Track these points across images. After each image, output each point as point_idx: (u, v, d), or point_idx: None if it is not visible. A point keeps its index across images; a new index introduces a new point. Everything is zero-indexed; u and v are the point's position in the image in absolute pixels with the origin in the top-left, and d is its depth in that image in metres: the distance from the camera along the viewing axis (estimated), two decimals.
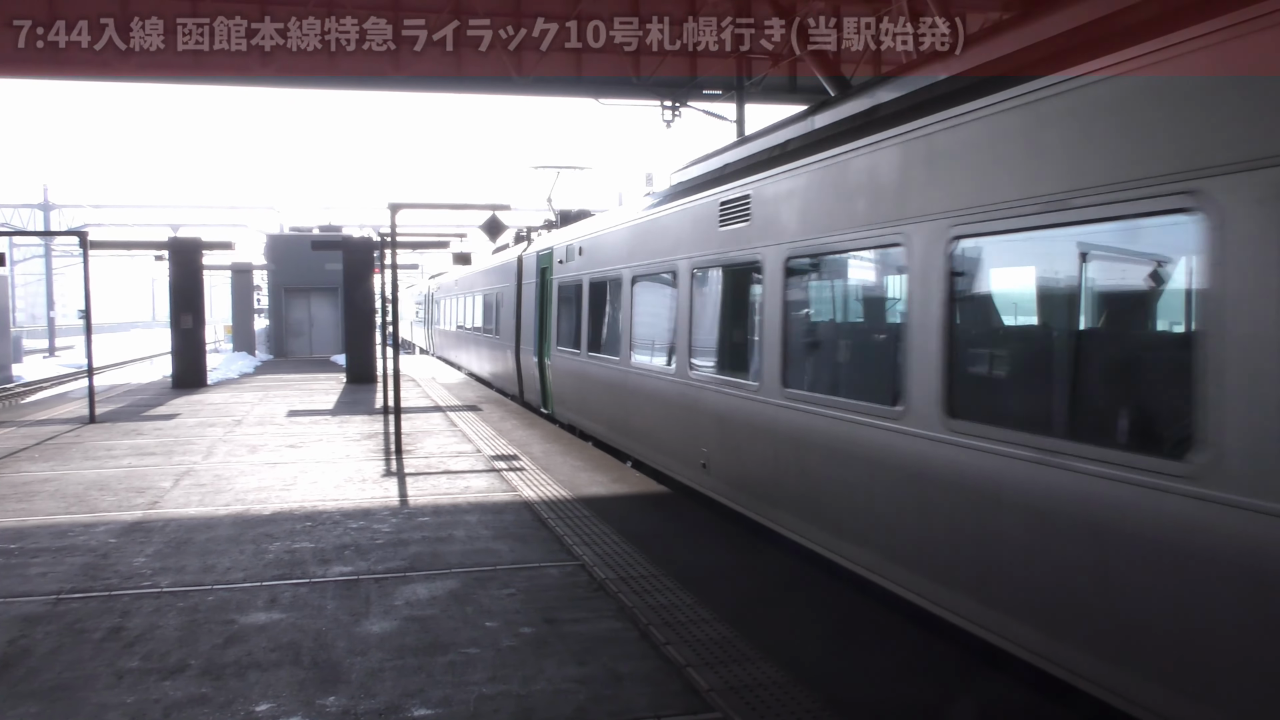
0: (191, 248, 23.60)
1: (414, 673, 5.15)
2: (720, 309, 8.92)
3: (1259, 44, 3.54)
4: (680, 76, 20.64)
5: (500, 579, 6.88)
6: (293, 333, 36.08)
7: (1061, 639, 4.46)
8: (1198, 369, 3.74)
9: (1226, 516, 3.58)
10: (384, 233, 16.39)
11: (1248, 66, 3.59)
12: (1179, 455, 3.81)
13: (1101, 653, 4.22)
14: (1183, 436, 3.82)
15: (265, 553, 7.60)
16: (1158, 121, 3.99)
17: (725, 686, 4.91)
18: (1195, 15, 3.83)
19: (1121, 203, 4.14)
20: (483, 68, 19.85)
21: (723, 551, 7.63)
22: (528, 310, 17.76)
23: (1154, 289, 4.45)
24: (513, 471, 11.20)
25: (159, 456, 12.43)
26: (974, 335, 5.59)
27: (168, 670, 5.20)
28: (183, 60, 18.66)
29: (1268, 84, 3.51)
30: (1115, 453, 4.14)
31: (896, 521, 5.80)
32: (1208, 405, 3.69)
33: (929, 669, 5.27)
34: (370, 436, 14.30)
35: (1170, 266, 4.29)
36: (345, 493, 9.97)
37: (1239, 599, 3.54)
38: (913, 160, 5.78)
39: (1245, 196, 3.56)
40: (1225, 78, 3.68)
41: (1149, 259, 4.42)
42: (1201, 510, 3.68)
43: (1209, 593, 3.67)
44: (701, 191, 9.30)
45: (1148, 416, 4.31)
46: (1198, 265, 3.82)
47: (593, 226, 13.93)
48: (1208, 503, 3.66)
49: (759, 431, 7.63)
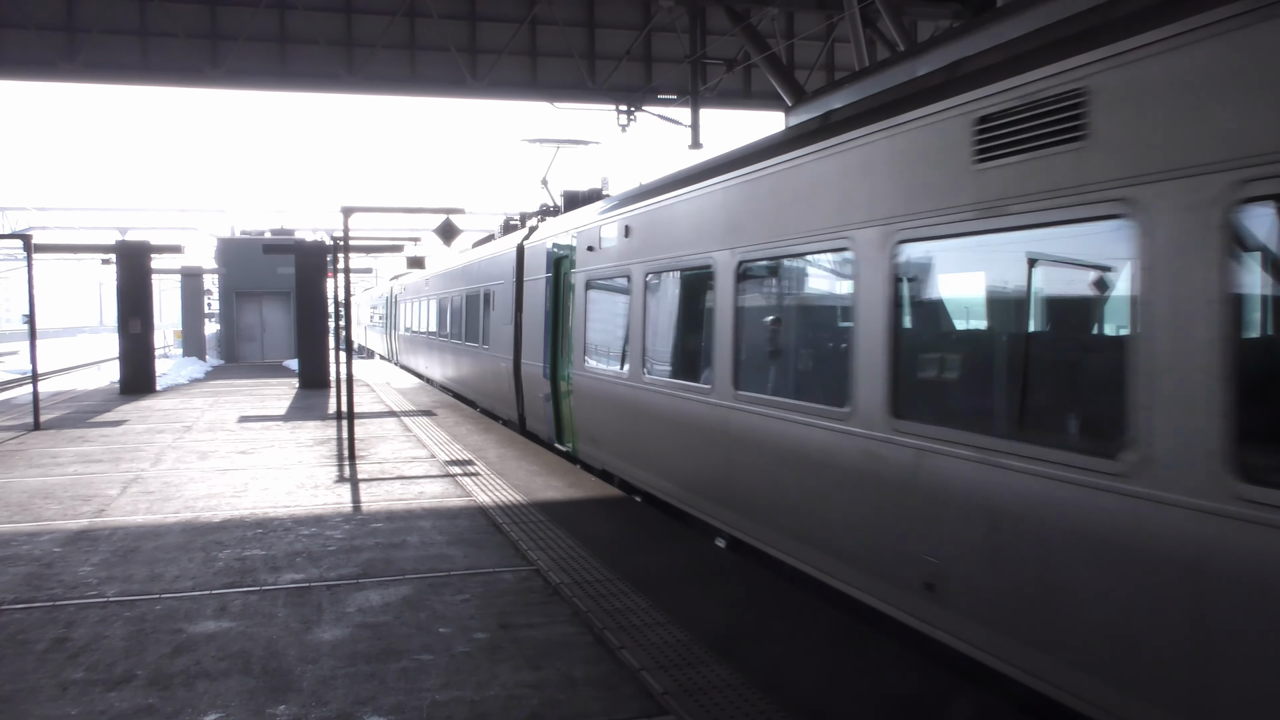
0: (140, 251, 23.25)
1: (366, 680, 5.10)
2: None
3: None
4: (636, 81, 20.70)
5: (454, 585, 6.84)
6: (244, 337, 35.67)
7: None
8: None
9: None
10: (337, 236, 16.23)
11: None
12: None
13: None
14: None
15: (215, 560, 7.50)
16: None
17: (679, 690, 4.92)
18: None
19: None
20: (437, 69, 19.80)
21: (679, 555, 7.65)
22: (533, 315, 13.98)
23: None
24: (467, 477, 11.14)
25: (106, 464, 12.21)
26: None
27: (113, 681, 5.11)
28: (129, 61, 18.52)
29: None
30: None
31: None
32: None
33: (886, 671, 5.32)
34: (323, 442, 14.15)
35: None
36: (297, 499, 9.86)
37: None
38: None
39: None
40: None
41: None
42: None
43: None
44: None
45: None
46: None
47: (652, 197, 9.36)
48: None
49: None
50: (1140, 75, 3.86)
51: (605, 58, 20.49)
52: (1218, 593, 3.47)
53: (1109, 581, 3.94)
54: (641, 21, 20.57)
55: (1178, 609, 3.63)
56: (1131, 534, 3.83)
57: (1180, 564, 3.61)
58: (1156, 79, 3.79)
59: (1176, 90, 3.70)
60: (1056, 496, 4.22)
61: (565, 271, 12.39)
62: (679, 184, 8.75)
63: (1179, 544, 3.62)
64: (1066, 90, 4.23)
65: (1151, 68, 3.81)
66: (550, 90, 20.42)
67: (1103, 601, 3.97)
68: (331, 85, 19.57)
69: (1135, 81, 3.88)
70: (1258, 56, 3.38)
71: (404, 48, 19.70)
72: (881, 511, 5.51)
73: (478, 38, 19.87)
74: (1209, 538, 3.50)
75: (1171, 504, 3.65)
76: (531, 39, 20.22)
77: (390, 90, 20.05)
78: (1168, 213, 3.71)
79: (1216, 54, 3.53)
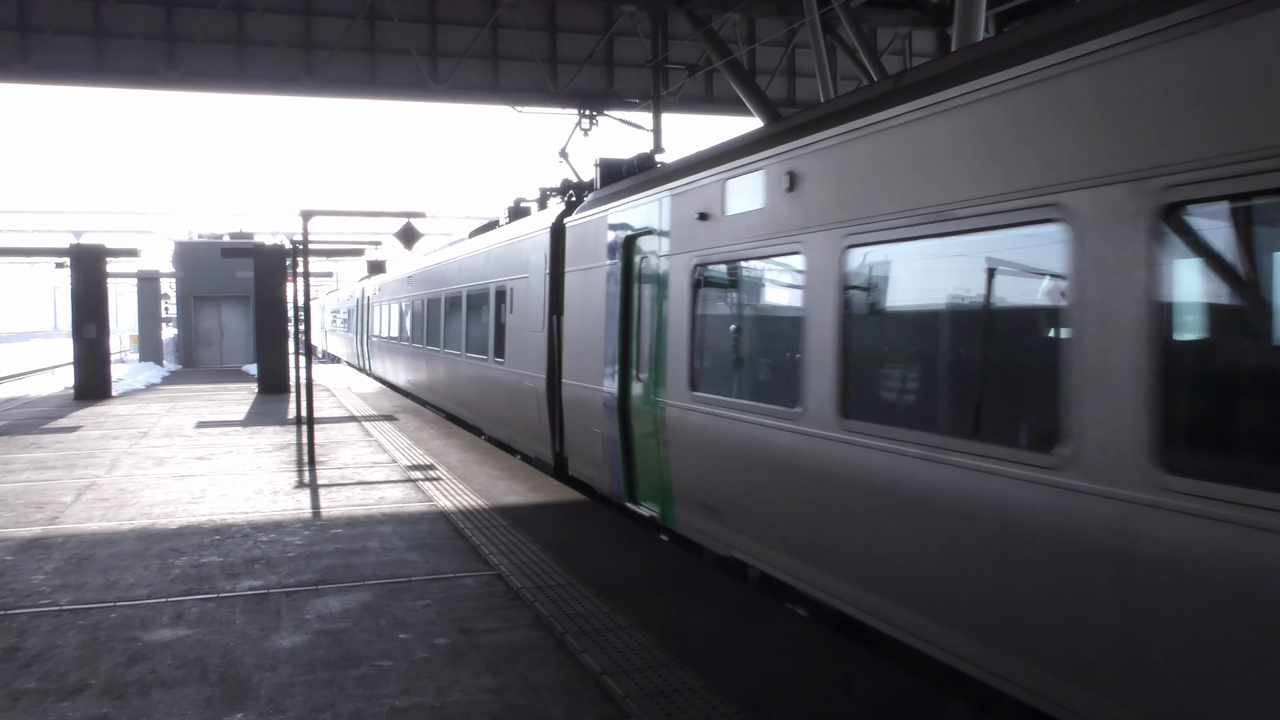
0: (95, 255, 22.93)
1: (325, 687, 5.07)
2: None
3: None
4: (598, 86, 20.71)
5: (415, 590, 6.80)
6: (202, 342, 35.23)
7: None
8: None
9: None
10: (297, 240, 16.08)
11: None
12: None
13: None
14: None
15: (171, 568, 7.41)
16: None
17: (641, 693, 4.93)
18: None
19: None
20: (398, 73, 19.69)
21: (640, 559, 7.66)
22: (585, 318, 10.24)
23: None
24: (429, 481, 11.09)
25: (59, 470, 12.01)
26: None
27: (67, 691, 5.03)
28: (84, 62, 18.25)
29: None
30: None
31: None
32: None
33: (843, 674, 5.36)
34: (282, 448, 14.02)
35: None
36: (256, 505, 9.76)
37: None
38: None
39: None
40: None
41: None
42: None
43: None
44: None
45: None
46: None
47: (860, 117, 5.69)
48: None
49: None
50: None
51: (567, 62, 20.49)
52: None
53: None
54: (603, 26, 20.60)
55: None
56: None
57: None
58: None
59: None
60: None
61: (638, 258, 9.03)
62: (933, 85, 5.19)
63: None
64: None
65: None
66: (512, 94, 20.37)
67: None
68: (291, 88, 19.40)
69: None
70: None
71: (364, 50, 19.57)
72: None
73: (439, 41, 19.79)
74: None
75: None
76: (493, 43, 20.17)
77: (350, 93, 19.90)
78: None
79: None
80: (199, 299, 34.91)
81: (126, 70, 18.49)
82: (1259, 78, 3.28)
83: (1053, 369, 4.10)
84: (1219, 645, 3.34)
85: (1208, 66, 3.46)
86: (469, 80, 20.08)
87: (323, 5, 19.15)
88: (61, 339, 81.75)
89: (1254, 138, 3.29)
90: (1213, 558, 3.36)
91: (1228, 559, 3.32)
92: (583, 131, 21.33)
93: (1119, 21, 3.85)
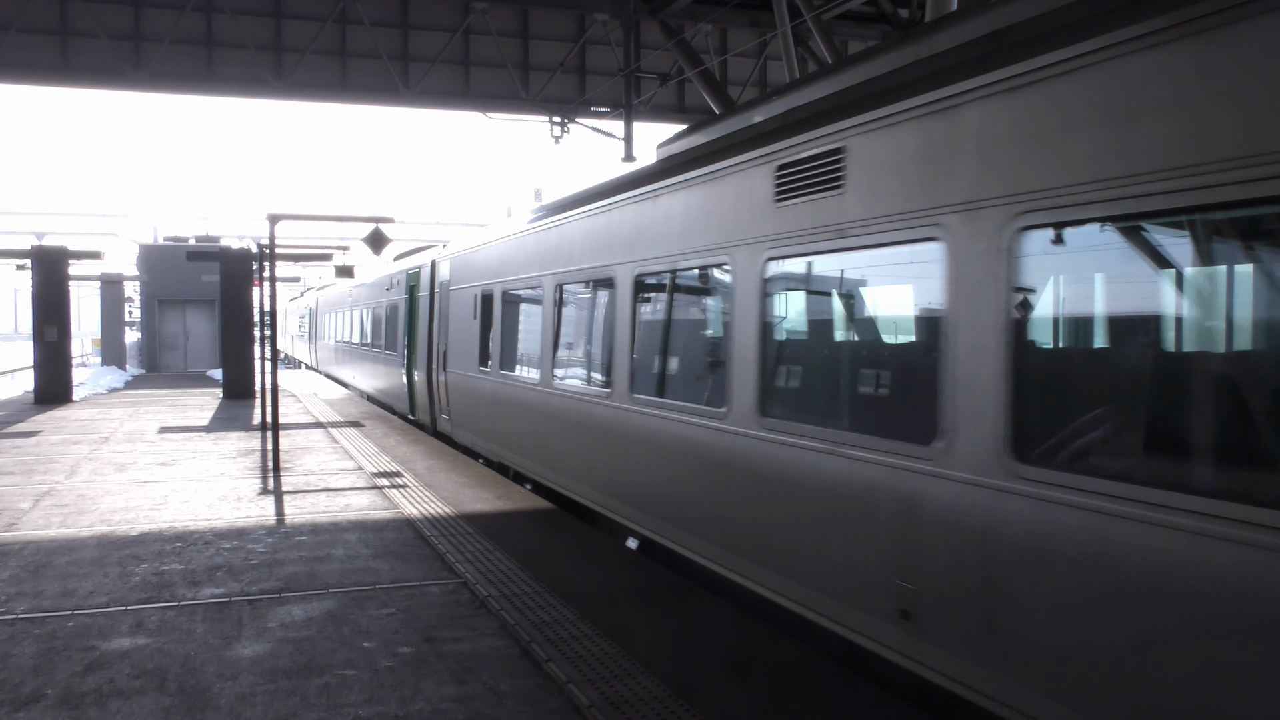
0: (57, 256, 22.62)
1: (287, 696, 5.01)
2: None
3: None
4: (569, 93, 20.71)
5: (379, 598, 6.75)
6: (167, 346, 34.78)
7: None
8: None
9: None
10: (264, 244, 15.94)
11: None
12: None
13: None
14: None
15: (131, 575, 7.30)
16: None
17: (605, 702, 4.91)
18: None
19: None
20: (369, 77, 19.59)
21: (607, 568, 7.64)
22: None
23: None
24: (395, 489, 11.01)
25: (17, 476, 11.81)
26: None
27: (21, 701, 4.94)
28: (48, 61, 18.01)
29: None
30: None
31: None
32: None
33: (804, 681, 5.37)
34: (247, 454, 13.87)
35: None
36: (219, 512, 9.64)
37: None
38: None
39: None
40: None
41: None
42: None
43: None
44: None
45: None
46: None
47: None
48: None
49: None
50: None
51: (539, 69, 20.47)
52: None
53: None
54: (576, 34, 20.60)
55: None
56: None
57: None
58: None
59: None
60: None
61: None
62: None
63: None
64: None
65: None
66: (483, 100, 20.32)
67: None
68: (259, 91, 19.22)
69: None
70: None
71: (335, 54, 19.45)
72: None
73: (410, 46, 19.70)
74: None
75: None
76: (465, 48, 20.12)
77: (320, 97, 19.76)
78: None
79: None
80: (163, 303, 34.47)
81: (92, 70, 18.25)
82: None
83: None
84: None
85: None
86: (440, 86, 20.01)
87: (293, 8, 19.02)
88: (22, 342, 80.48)
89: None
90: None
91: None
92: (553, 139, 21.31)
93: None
